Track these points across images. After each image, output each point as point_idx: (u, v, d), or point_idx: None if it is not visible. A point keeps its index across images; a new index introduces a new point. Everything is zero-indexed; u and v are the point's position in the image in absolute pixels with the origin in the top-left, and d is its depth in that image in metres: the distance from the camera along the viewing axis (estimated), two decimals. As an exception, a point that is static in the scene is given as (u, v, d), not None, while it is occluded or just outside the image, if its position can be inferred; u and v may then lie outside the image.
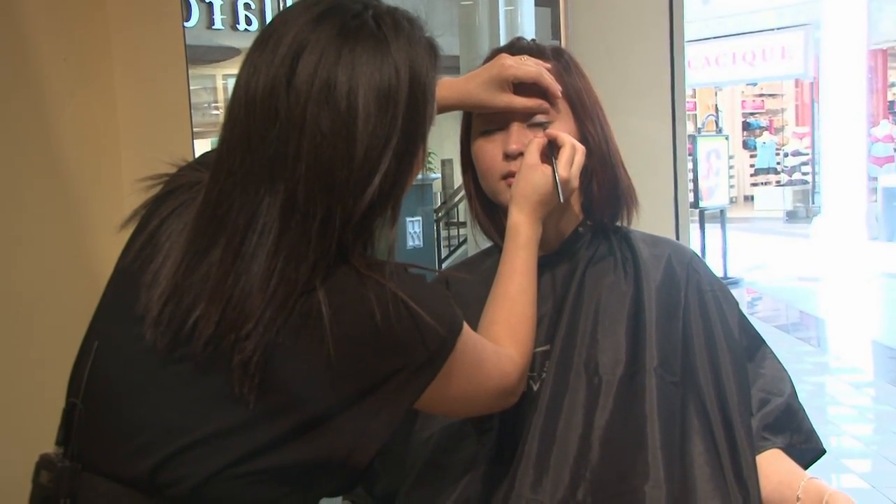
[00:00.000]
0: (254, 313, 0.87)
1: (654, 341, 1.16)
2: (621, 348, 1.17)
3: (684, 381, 1.16)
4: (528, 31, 5.62)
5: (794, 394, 1.24)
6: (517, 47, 1.25)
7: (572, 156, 1.17)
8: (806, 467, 1.22)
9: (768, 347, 1.27)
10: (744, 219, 15.35)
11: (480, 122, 1.24)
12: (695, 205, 8.84)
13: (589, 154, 1.22)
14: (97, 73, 1.52)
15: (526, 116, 1.21)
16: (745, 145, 18.80)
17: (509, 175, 1.20)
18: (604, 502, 1.07)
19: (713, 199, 8.99)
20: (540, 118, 1.21)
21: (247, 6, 10.35)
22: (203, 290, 0.89)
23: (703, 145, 8.96)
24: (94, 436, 0.94)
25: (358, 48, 0.91)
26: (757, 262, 10.41)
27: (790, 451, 1.20)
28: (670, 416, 1.12)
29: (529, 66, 1.19)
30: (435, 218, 8.32)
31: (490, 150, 1.22)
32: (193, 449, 0.89)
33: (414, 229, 7.23)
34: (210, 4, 10.19)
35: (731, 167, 16.92)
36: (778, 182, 17.17)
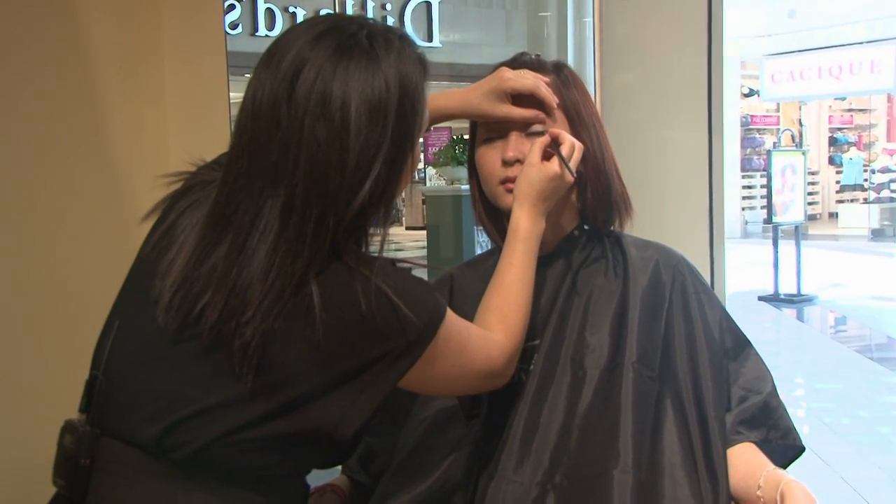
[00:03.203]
0: (253, 302, 0.97)
1: (635, 338, 1.24)
2: (605, 344, 1.24)
3: (662, 376, 1.23)
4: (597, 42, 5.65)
5: (773, 392, 1.29)
6: (519, 62, 1.34)
7: (571, 150, 1.26)
8: (786, 464, 1.28)
9: (753, 348, 1.33)
10: (827, 236, 15.00)
11: (483, 130, 1.33)
12: (768, 220, 8.72)
13: (584, 162, 1.30)
14: (149, 81, 1.66)
15: (524, 126, 1.29)
16: (832, 161, 18.35)
17: (507, 180, 1.29)
18: (578, 485, 1.15)
19: (788, 214, 8.84)
20: (537, 127, 1.29)
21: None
22: (210, 281, 1.00)
23: (779, 160, 8.82)
24: (111, 404, 1.06)
25: (352, 65, 1.00)
26: (836, 279, 10.18)
27: (766, 446, 1.25)
28: (644, 407, 1.19)
29: (527, 80, 1.28)
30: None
31: (490, 157, 1.31)
32: (196, 417, 1.00)
33: (482, 238, 7.34)
34: (294, 14, 10.50)
35: (814, 183, 16.57)
36: (865, 199, 16.72)
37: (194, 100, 1.70)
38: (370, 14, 11.07)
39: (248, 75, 1.05)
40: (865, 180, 17.24)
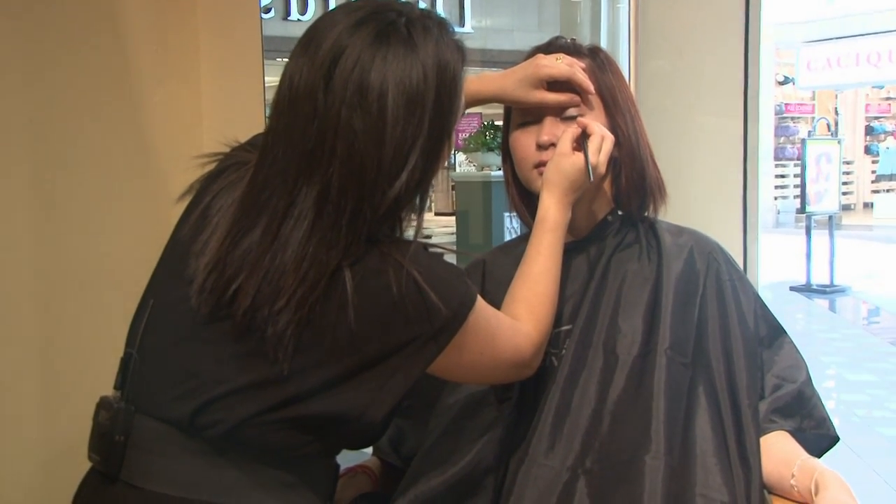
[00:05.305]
0: (287, 290, 0.97)
1: (669, 325, 1.23)
2: (638, 330, 1.24)
3: (695, 362, 1.22)
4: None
5: (808, 381, 1.28)
6: (555, 46, 1.33)
7: (601, 143, 1.25)
8: (821, 454, 1.27)
9: (788, 337, 1.32)
10: (862, 226, 14.79)
11: (518, 115, 1.33)
12: (802, 210, 8.62)
13: (619, 147, 1.30)
14: (185, 65, 1.68)
15: (559, 110, 1.29)
16: (868, 150, 18.07)
17: (541, 164, 1.28)
18: (609, 470, 1.15)
19: (822, 204, 8.72)
20: (572, 111, 1.29)
21: (361, 1, 10.60)
22: (243, 265, 1.00)
23: (813, 149, 8.70)
24: (145, 382, 1.07)
25: (390, 54, 1.00)
26: (870, 270, 10.04)
27: (800, 435, 1.24)
28: (677, 394, 1.19)
29: (562, 66, 1.27)
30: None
31: (525, 141, 1.31)
32: (229, 397, 1.00)
33: (512, 224, 7.32)
34: (326, 0, 10.52)
35: (849, 173, 16.32)
36: (901, 189, 16.48)
37: (229, 81, 1.71)
38: (402, -2, 11.04)
39: (281, 59, 1.04)
40: (902, 170, 16.97)
